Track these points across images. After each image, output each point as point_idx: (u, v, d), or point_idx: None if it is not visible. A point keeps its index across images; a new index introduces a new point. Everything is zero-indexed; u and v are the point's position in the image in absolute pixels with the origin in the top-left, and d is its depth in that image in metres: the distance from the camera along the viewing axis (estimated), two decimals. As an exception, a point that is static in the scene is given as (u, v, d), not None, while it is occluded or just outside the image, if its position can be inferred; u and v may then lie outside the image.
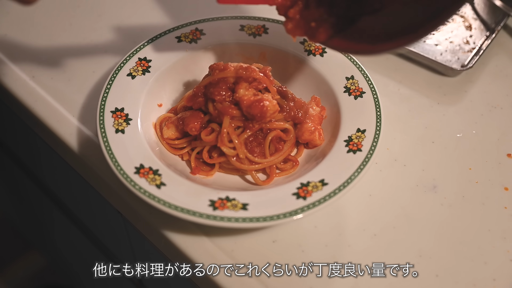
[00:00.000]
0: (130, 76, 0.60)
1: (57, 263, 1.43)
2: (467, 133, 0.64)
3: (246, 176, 0.57)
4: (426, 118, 0.65)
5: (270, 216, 0.48)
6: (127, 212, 0.58)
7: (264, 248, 0.52)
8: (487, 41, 0.74)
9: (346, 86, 0.60)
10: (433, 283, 0.50)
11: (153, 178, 0.51)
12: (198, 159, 0.58)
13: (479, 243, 0.54)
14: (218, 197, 0.50)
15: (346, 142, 0.55)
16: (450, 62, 0.71)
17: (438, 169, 0.60)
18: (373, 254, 0.52)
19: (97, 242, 0.94)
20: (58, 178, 0.88)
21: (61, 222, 1.06)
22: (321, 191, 0.50)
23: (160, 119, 0.59)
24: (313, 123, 0.58)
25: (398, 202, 0.56)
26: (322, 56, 0.63)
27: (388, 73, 0.71)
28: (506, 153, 0.62)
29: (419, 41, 0.43)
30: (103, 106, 0.56)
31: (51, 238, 1.29)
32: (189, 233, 0.52)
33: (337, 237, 0.53)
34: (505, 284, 0.51)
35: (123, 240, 0.78)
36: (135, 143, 0.54)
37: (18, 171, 1.08)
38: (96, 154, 0.58)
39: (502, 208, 0.57)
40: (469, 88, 0.70)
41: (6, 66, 0.68)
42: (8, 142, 1.04)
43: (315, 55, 0.64)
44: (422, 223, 0.55)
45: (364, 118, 0.57)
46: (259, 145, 0.56)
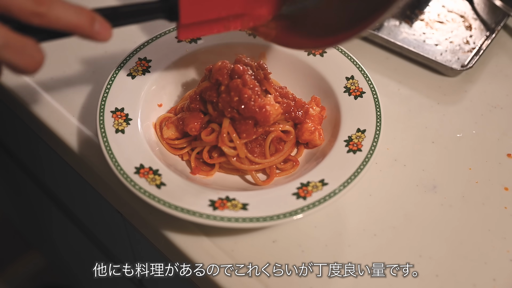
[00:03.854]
0: (130, 76, 0.60)
1: (57, 263, 1.43)
2: (467, 133, 0.64)
3: (246, 176, 0.57)
4: (426, 118, 0.65)
5: (270, 216, 0.48)
6: (127, 212, 0.58)
7: (264, 248, 0.52)
8: (487, 41, 0.74)
9: (346, 86, 0.60)
10: (433, 283, 0.50)
11: (153, 178, 0.51)
12: (198, 159, 0.58)
13: (479, 243, 0.54)
14: (218, 197, 0.50)
15: (346, 142, 0.55)
16: (450, 62, 0.71)
17: (438, 169, 0.60)
18: (373, 254, 0.52)
19: (97, 242, 0.94)
20: (58, 178, 0.88)
21: (61, 222, 1.06)
22: (321, 191, 0.50)
23: (160, 119, 0.59)
24: (313, 123, 0.58)
25: (398, 202, 0.56)
26: (322, 56, 0.63)
27: (388, 73, 0.71)
28: (506, 153, 0.62)
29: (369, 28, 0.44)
30: (103, 106, 0.56)
31: (51, 238, 1.29)
32: (189, 233, 0.52)
33: (337, 237, 0.53)
34: (505, 284, 0.51)
35: (123, 240, 0.78)
36: (135, 143, 0.54)
37: (18, 171, 1.08)
38: (96, 154, 0.58)
39: (502, 208, 0.57)
40: (469, 88, 0.70)
41: (6, 66, 0.68)
42: (8, 142, 1.04)
43: (315, 55, 0.64)
44: (422, 223, 0.55)
45: (364, 118, 0.57)
46: (259, 145, 0.56)
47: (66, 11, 0.40)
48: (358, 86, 0.60)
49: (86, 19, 0.41)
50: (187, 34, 0.50)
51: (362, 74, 0.61)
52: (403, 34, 0.75)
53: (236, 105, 0.52)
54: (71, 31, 0.41)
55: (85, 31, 0.41)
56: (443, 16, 0.79)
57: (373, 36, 0.73)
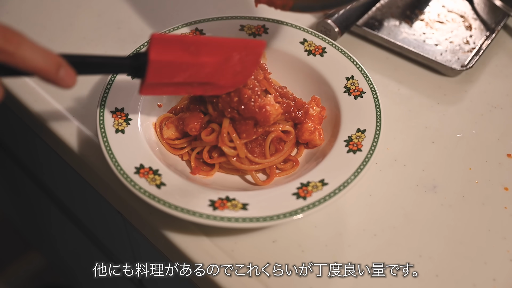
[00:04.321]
0: (130, 76, 0.59)
1: (57, 263, 1.43)
2: (467, 133, 0.64)
3: (246, 176, 0.57)
4: (426, 118, 0.65)
5: (270, 216, 0.48)
6: (127, 212, 0.58)
7: (264, 248, 0.52)
8: (487, 41, 0.74)
9: (346, 86, 0.60)
10: (433, 283, 0.50)
11: (153, 178, 0.51)
12: (198, 159, 0.58)
13: (479, 243, 0.54)
14: (218, 197, 0.50)
15: (346, 142, 0.55)
16: (450, 62, 0.71)
17: (438, 169, 0.60)
18: (373, 254, 0.52)
19: (97, 242, 0.94)
20: (57, 178, 0.88)
21: (60, 222, 1.06)
22: (321, 191, 0.50)
23: (160, 119, 0.59)
24: (313, 123, 0.58)
25: (398, 202, 0.56)
26: (322, 56, 0.63)
27: (388, 73, 0.71)
28: (506, 153, 0.62)
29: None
30: (103, 106, 0.56)
31: (50, 238, 1.29)
32: (189, 233, 0.52)
33: (337, 237, 0.53)
34: (505, 284, 0.51)
35: (123, 240, 0.78)
36: (135, 143, 0.54)
37: (18, 171, 1.08)
38: (96, 154, 0.58)
39: (502, 208, 0.57)
40: (469, 88, 0.70)
41: (6, 66, 0.68)
42: (8, 142, 1.04)
43: (315, 55, 0.64)
44: (422, 223, 0.55)
45: (364, 118, 0.56)
46: (259, 145, 0.56)
47: (34, 53, 0.40)
48: (358, 86, 0.60)
49: (52, 64, 0.41)
50: (149, 91, 0.50)
51: (362, 74, 0.61)
52: (403, 34, 0.75)
53: (236, 105, 0.52)
54: (35, 73, 0.41)
55: (49, 76, 0.41)
56: (443, 16, 0.79)
57: (373, 36, 0.73)
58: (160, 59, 0.47)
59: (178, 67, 0.49)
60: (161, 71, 0.48)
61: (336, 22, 0.71)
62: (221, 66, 0.50)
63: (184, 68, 0.49)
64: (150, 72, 0.47)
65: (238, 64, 0.51)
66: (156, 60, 0.46)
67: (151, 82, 0.48)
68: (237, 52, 0.51)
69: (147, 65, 0.47)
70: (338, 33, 0.71)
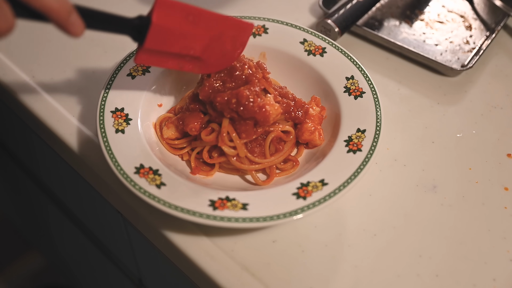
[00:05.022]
0: (130, 76, 0.60)
1: (57, 263, 1.43)
2: (467, 133, 0.64)
3: (246, 176, 0.57)
4: (426, 118, 0.65)
5: (270, 216, 0.48)
6: (127, 212, 0.58)
7: (264, 248, 0.52)
8: (487, 41, 0.74)
9: (346, 86, 0.60)
10: (433, 283, 0.50)
11: (153, 178, 0.51)
12: (198, 159, 0.58)
13: (479, 243, 0.54)
14: (218, 197, 0.50)
15: (346, 142, 0.55)
16: (450, 62, 0.71)
17: (438, 169, 0.60)
18: (373, 254, 0.52)
19: (97, 242, 0.94)
20: (57, 178, 0.88)
21: (60, 222, 1.06)
22: (321, 191, 0.50)
23: (160, 119, 0.59)
24: (313, 123, 0.58)
25: (398, 202, 0.56)
26: (322, 56, 0.63)
27: (388, 73, 0.71)
28: (506, 153, 0.62)
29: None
30: (103, 106, 0.56)
31: (51, 238, 1.29)
32: (189, 233, 0.52)
33: (337, 237, 0.53)
34: (505, 284, 0.51)
35: (123, 240, 0.78)
36: (135, 143, 0.54)
37: (18, 171, 1.08)
38: (96, 154, 0.58)
39: (502, 208, 0.57)
40: (469, 88, 0.70)
41: (6, 66, 0.68)
42: (8, 142, 1.04)
43: (315, 55, 0.64)
44: (422, 223, 0.55)
45: (364, 118, 0.56)
46: (259, 145, 0.56)
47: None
48: (358, 86, 0.60)
49: (64, 8, 0.42)
50: (143, 59, 0.52)
51: (362, 74, 0.61)
52: (403, 34, 0.75)
53: (235, 107, 0.52)
54: (47, 14, 0.42)
55: (61, 18, 0.42)
56: (443, 16, 0.79)
57: (373, 36, 0.73)
58: (161, 23, 0.49)
59: (176, 35, 0.50)
60: (160, 37, 0.49)
61: (336, 22, 0.71)
62: (213, 41, 0.53)
63: (182, 37, 0.51)
64: (150, 36, 0.49)
65: (229, 42, 0.54)
66: (158, 23, 0.48)
67: (148, 48, 0.50)
68: (229, 29, 0.53)
69: (149, 28, 0.48)
70: (338, 33, 0.71)
